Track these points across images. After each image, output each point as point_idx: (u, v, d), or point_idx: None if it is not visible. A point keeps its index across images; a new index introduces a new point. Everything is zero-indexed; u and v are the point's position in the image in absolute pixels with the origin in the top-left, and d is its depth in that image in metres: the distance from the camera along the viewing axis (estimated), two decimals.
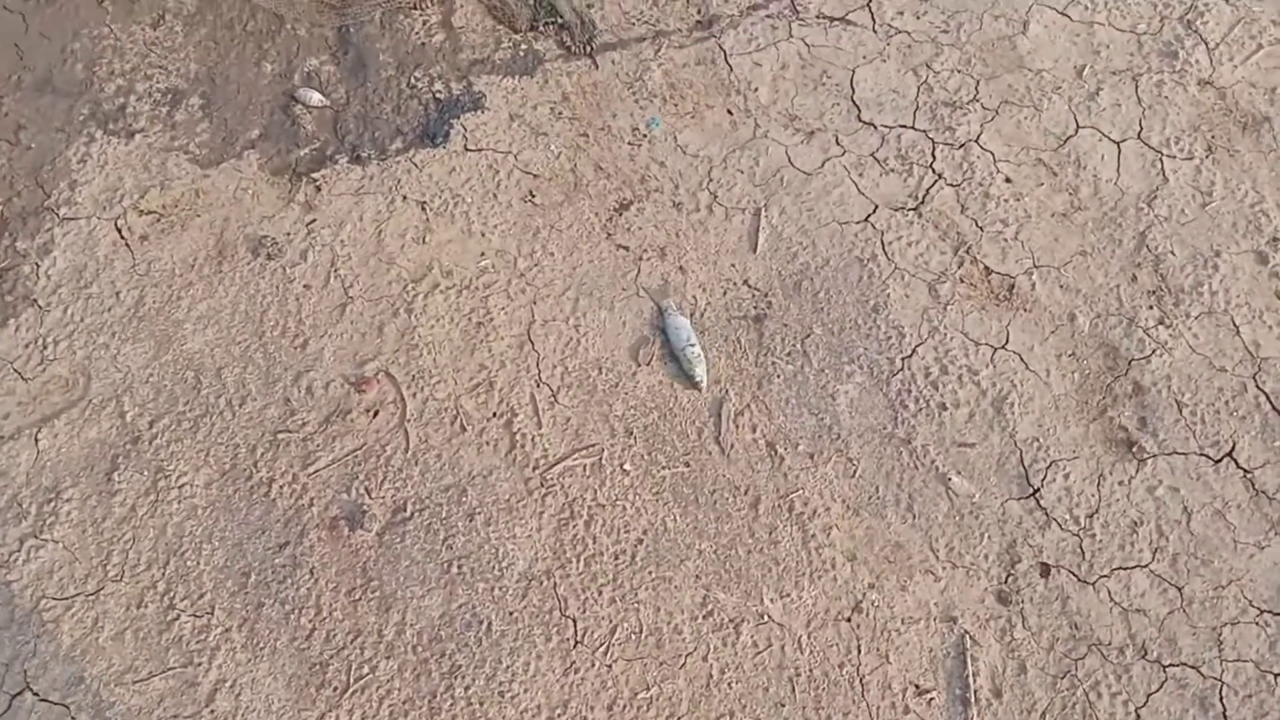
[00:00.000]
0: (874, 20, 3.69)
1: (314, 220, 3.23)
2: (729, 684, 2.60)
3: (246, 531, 2.71)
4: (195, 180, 3.31)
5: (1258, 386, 2.97)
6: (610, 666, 2.59)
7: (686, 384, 2.96)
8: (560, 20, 3.68)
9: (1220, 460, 2.88)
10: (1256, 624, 2.67)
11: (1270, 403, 2.94)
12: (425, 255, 3.19)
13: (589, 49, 3.65)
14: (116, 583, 2.65)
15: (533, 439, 2.88)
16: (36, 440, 2.82)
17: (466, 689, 2.54)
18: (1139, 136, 3.41)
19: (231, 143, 3.43)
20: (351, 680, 2.53)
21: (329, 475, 2.80)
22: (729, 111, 3.53)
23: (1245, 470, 2.86)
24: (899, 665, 2.64)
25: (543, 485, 2.81)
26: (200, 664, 2.54)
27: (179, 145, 3.40)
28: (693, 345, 2.97)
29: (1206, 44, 3.58)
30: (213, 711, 2.48)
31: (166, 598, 2.63)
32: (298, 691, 2.52)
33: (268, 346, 2.99)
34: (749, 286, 3.18)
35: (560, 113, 3.52)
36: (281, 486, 2.77)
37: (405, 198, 3.29)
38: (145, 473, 2.78)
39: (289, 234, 3.20)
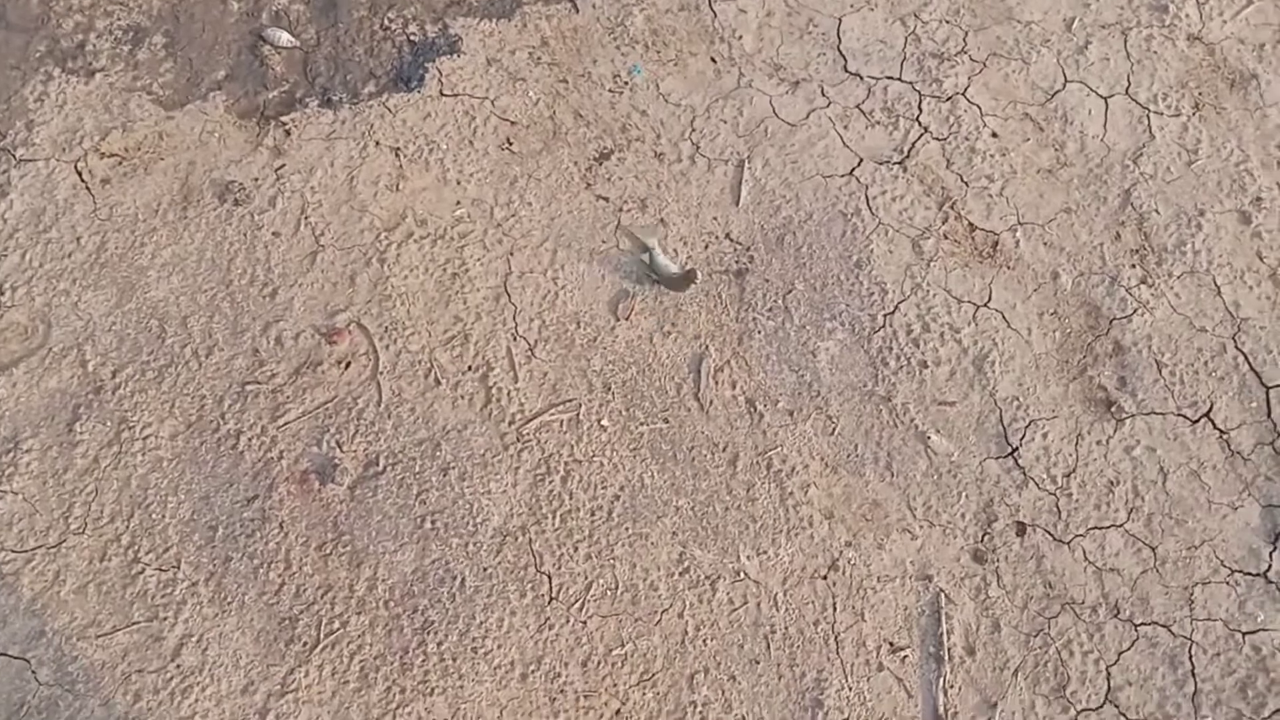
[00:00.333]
0: None
1: (283, 165, 3.12)
2: (704, 640, 2.59)
3: (214, 484, 2.65)
4: (159, 122, 3.19)
5: (1237, 347, 2.96)
6: (585, 623, 2.58)
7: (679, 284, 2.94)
8: None
9: (1198, 421, 2.88)
10: (1227, 583, 2.69)
11: (1249, 363, 2.94)
12: (399, 203, 3.10)
13: None
14: (79, 535, 2.58)
15: (509, 393, 2.82)
16: None
17: (439, 644, 2.51)
18: (1127, 92, 3.36)
19: (196, 84, 3.30)
20: (321, 635, 2.50)
21: (299, 428, 2.73)
22: (713, 60, 3.44)
23: (1222, 431, 2.86)
24: (874, 623, 2.64)
25: (519, 440, 2.76)
26: (166, 618, 2.49)
27: (141, 85, 3.27)
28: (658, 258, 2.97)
29: None
30: (179, 665, 2.44)
31: (131, 551, 2.57)
32: (266, 646, 2.48)
33: (235, 295, 2.91)
34: (731, 240, 3.12)
35: (539, 58, 3.41)
36: (250, 439, 2.71)
37: (378, 143, 3.18)
38: (108, 423, 2.70)
39: (257, 179, 3.09)
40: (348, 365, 2.81)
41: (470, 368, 2.85)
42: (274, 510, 2.62)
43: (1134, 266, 3.08)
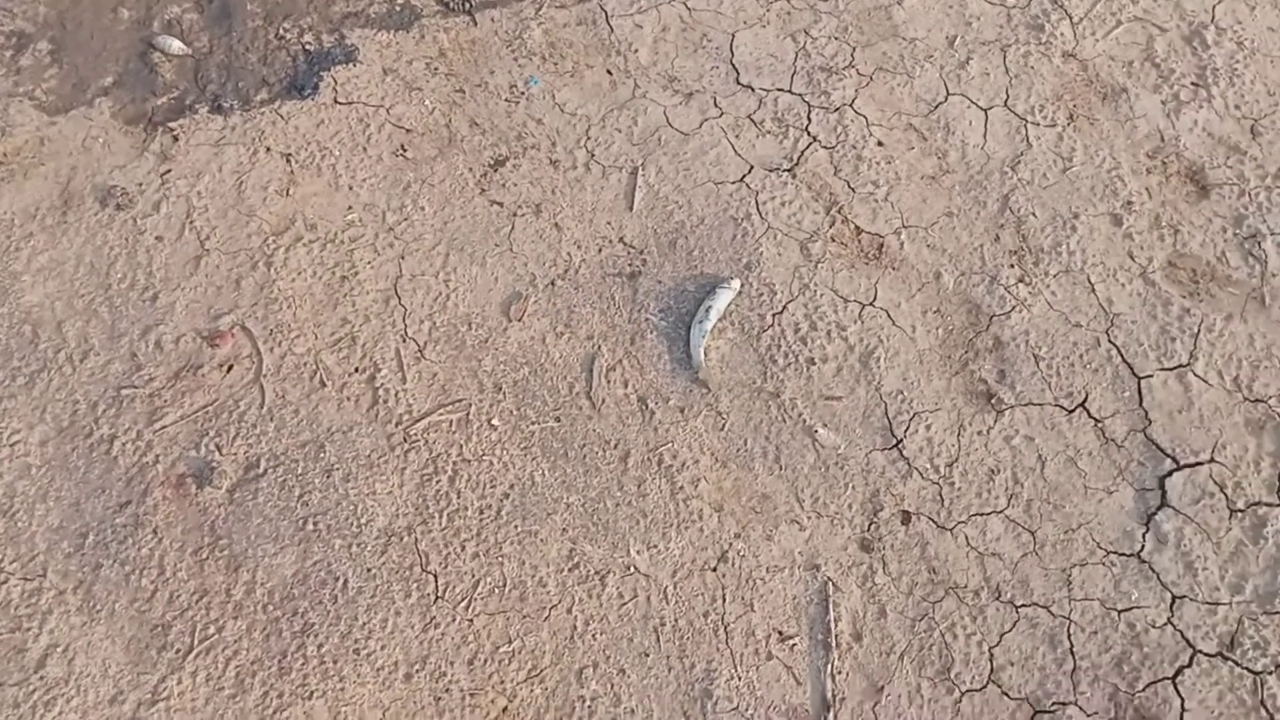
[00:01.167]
0: None
1: (169, 170, 3.08)
2: (593, 635, 2.58)
3: (85, 491, 2.57)
4: (40, 128, 3.13)
5: (1110, 341, 3.08)
6: (471, 621, 2.54)
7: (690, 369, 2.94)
8: None
9: (1073, 411, 2.98)
10: (1103, 564, 2.77)
11: (1121, 355, 3.06)
12: (289, 208, 3.08)
13: (467, 5, 3.58)
14: None
15: (396, 394, 2.80)
16: None
17: (319, 647, 2.45)
18: (1005, 104, 3.51)
19: (82, 90, 3.25)
20: (195, 641, 2.42)
21: (176, 432, 2.67)
22: (609, 71, 3.51)
23: (1096, 420, 2.96)
24: (763, 612, 2.66)
25: (405, 441, 2.74)
26: (30, 629, 2.40)
27: (24, 91, 3.21)
28: (703, 324, 2.94)
29: (1071, 18, 3.71)
30: (42, 677, 2.34)
31: None
32: (137, 654, 2.40)
33: (114, 300, 2.84)
34: (624, 244, 3.17)
35: (436, 68, 3.44)
36: (124, 444, 2.63)
37: (269, 149, 3.16)
38: None
39: (141, 184, 3.05)
40: (230, 368, 2.76)
41: (357, 369, 2.82)
42: (148, 515, 2.54)
43: (1012, 266, 3.19)
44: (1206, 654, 2.63)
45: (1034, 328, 3.08)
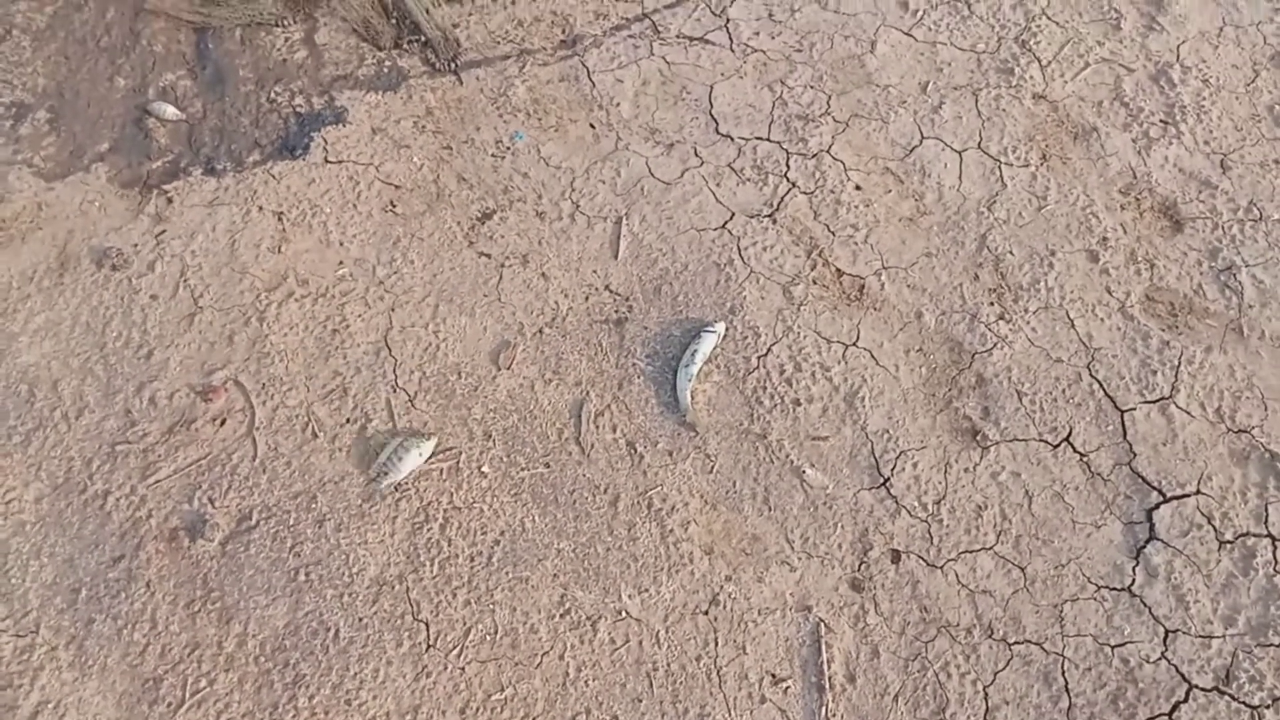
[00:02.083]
0: (731, 40, 3.83)
1: (164, 231, 3.15)
2: (586, 681, 2.57)
3: (79, 546, 2.59)
4: (38, 193, 3.21)
5: (1091, 375, 3.12)
6: (464, 669, 2.55)
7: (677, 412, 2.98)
8: (424, 39, 3.71)
9: (1058, 445, 3.01)
10: (1094, 599, 2.77)
11: (1103, 389, 3.09)
12: (281, 265, 3.14)
13: (453, 66, 3.69)
14: None
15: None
16: None
17: (311, 698, 2.45)
18: (979, 146, 3.60)
19: (79, 156, 3.34)
20: (187, 695, 2.42)
21: (170, 486, 2.70)
22: (591, 125, 3.60)
23: (1081, 454, 2.99)
24: (755, 655, 2.66)
25: (396, 490, 2.76)
26: (21, 685, 2.40)
27: (22, 158, 3.30)
28: (689, 368, 2.99)
29: (1039, 61, 3.82)
30: None
31: None
32: (128, 709, 2.39)
33: (109, 358, 2.89)
34: (610, 291, 3.22)
35: (424, 126, 3.53)
36: (118, 499, 2.66)
37: (261, 208, 3.24)
38: None
39: (137, 245, 3.12)
40: (223, 422, 2.80)
41: (349, 420, 2.86)
42: (141, 570, 2.56)
43: (992, 304, 3.24)
44: (1202, 689, 2.62)
45: (1016, 364, 3.12)
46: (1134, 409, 3.01)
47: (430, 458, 2.75)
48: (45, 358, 2.86)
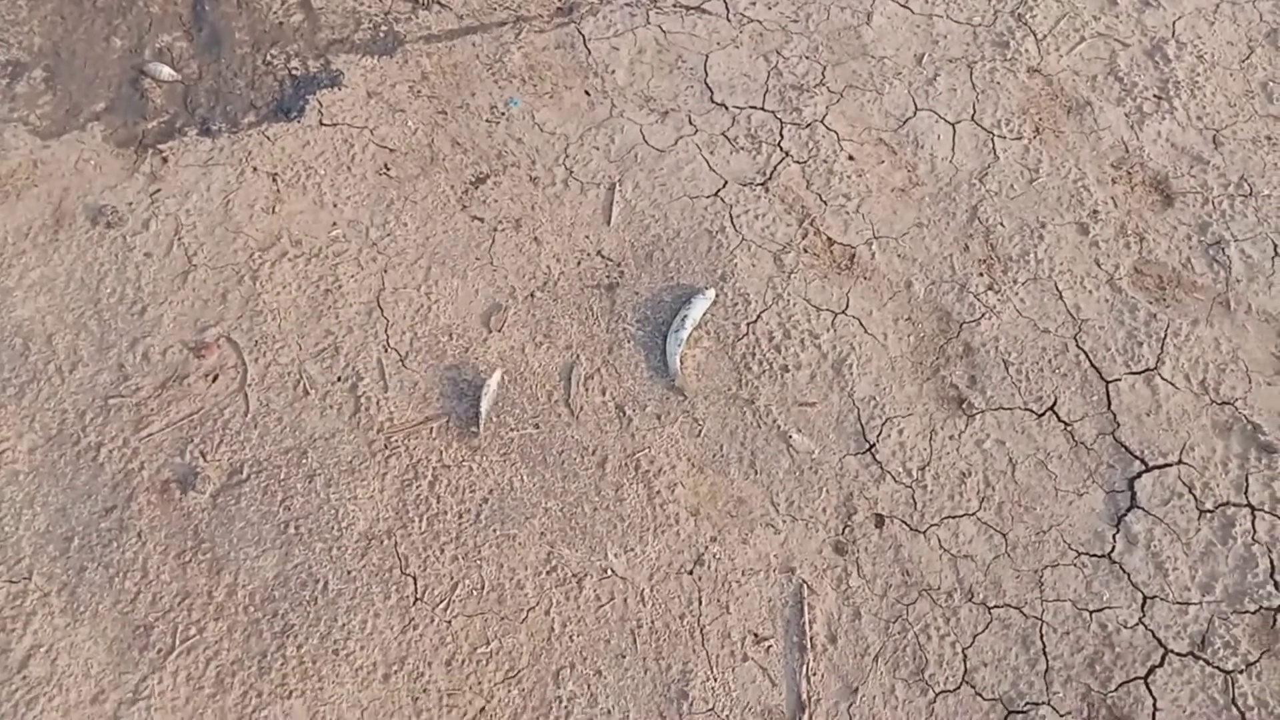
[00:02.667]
0: (728, 9, 3.83)
1: (158, 190, 3.17)
2: (570, 637, 2.62)
3: (71, 496, 2.63)
4: (34, 151, 3.23)
5: (1078, 346, 3.14)
6: (450, 623, 2.58)
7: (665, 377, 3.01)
8: None
9: (1043, 414, 3.04)
10: (1075, 565, 2.81)
11: (1089, 360, 3.12)
12: (274, 225, 3.16)
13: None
14: None
15: (378, 402, 2.86)
16: None
17: (299, 648, 2.49)
18: (972, 118, 3.61)
19: (75, 115, 3.35)
20: (177, 642, 2.46)
21: (162, 439, 2.73)
22: (586, 92, 3.61)
23: (1066, 423, 3.02)
24: (739, 615, 2.70)
25: (386, 447, 2.80)
26: (14, 630, 2.44)
27: (18, 116, 3.31)
28: (679, 333, 3.01)
29: (1035, 35, 3.82)
30: (25, 677, 2.38)
31: None
32: (119, 655, 2.44)
33: (103, 314, 2.92)
34: (602, 257, 3.24)
35: (419, 91, 3.54)
36: (111, 451, 2.69)
37: (255, 169, 3.26)
38: None
39: (131, 204, 3.14)
40: (215, 378, 2.83)
41: (340, 378, 2.89)
42: (132, 520, 2.59)
43: (981, 275, 3.26)
44: (1178, 653, 2.66)
45: (1003, 334, 3.15)
46: (1119, 380, 3.03)
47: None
48: (40, 312, 2.89)
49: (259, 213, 3.16)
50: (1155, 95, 3.66)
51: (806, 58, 3.73)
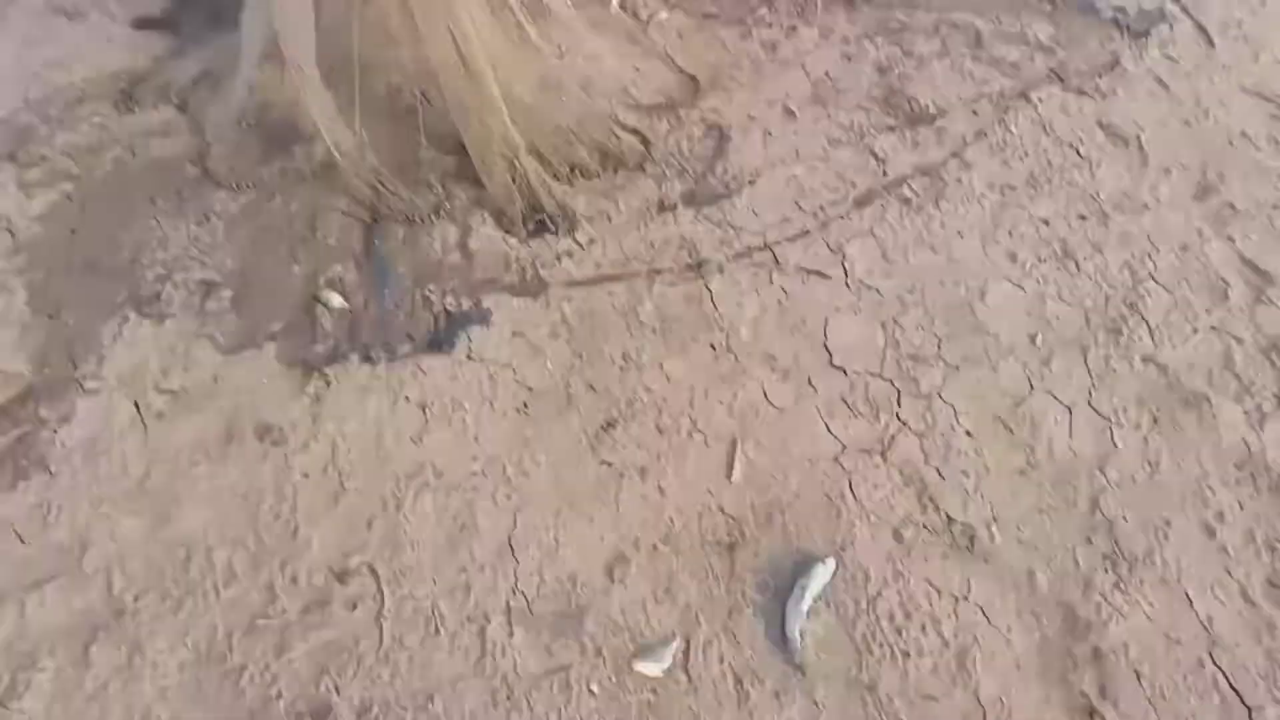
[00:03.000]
0: (846, 275, 4.08)
1: (320, 412, 3.43)
2: None
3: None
4: (216, 366, 3.54)
5: (1214, 663, 3.05)
6: None
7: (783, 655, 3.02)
8: (545, 214, 4.10)
9: None
10: None
11: (1228, 680, 3.01)
12: (420, 455, 3.37)
13: (571, 233, 4.04)
14: None
15: (503, 648, 2.94)
16: (24, 605, 2.88)
17: None
18: (1089, 403, 3.70)
19: (254, 334, 3.69)
20: None
21: (299, 667, 2.83)
22: (711, 347, 3.84)
23: None
24: None
25: (508, 700, 2.84)
26: None
27: (206, 332, 3.66)
28: (800, 604, 3.06)
29: (1148, 324, 3.95)
30: None
31: None
32: None
33: (260, 532, 3.11)
34: (723, 513, 3.35)
35: (558, 334, 3.82)
36: (253, 675, 2.80)
37: (408, 399, 3.51)
38: (122, 648, 2.82)
39: (295, 423, 3.39)
40: (355, 607, 2.95)
41: (469, 619, 2.98)
42: None
43: (1107, 571, 3.24)
44: None
45: (1134, 640, 3.07)
46: (1264, 708, 2.92)
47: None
48: (204, 525, 3.09)
49: (407, 442, 3.38)
50: (1275, 394, 3.72)
51: (922, 328, 3.92)
